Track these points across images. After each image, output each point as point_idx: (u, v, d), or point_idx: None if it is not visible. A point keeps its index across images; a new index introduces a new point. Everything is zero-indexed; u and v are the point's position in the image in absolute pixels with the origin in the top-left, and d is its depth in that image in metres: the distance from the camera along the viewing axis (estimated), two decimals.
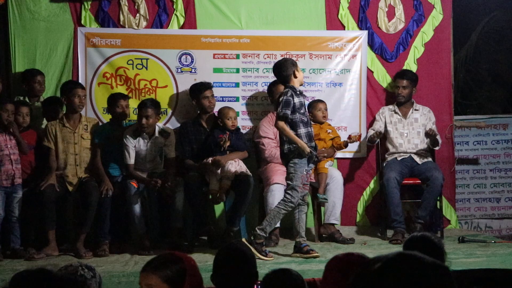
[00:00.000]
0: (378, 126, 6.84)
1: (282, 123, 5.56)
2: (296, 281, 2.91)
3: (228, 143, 6.28)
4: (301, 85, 5.75)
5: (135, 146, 6.27)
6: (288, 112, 5.54)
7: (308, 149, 5.56)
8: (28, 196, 5.99)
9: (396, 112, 6.88)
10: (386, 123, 6.86)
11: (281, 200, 5.67)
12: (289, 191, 5.60)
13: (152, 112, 6.23)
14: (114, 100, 6.43)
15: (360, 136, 6.55)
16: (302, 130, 5.60)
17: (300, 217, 5.76)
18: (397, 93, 6.84)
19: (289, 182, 5.60)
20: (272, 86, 6.65)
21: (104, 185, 6.07)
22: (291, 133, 5.57)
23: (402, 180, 6.59)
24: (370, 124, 7.02)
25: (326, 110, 6.70)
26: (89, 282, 2.65)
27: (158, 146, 6.35)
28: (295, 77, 5.64)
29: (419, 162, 6.69)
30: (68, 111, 6.22)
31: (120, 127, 6.46)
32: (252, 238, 5.62)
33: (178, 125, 6.78)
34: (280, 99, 5.57)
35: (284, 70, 5.64)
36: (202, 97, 6.54)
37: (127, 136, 6.26)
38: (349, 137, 6.45)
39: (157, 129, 6.34)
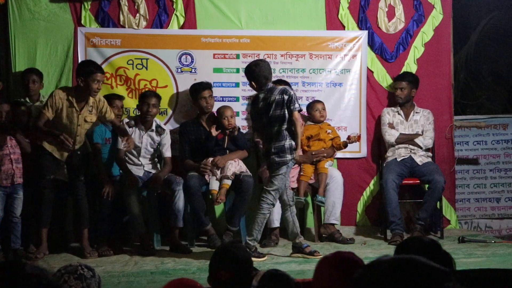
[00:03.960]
0: (389, 122, 6.85)
1: (298, 117, 5.59)
2: (288, 281, 2.90)
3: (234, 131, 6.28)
4: None
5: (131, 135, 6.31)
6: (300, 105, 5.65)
7: (299, 155, 5.68)
8: (28, 195, 6.00)
9: (399, 113, 6.88)
10: (388, 123, 6.88)
11: (263, 203, 5.60)
12: (273, 192, 5.58)
13: (156, 101, 6.33)
14: (109, 100, 6.43)
15: (359, 136, 6.55)
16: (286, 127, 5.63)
17: (294, 218, 5.75)
18: (395, 94, 6.86)
19: (276, 183, 5.57)
20: None
21: (105, 188, 6.07)
22: (300, 131, 5.61)
23: (400, 181, 6.60)
24: (376, 126, 7.01)
25: (324, 109, 6.69)
26: (88, 281, 2.67)
27: (154, 143, 6.37)
28: (271, 77, 5.74)
29: (419, 163, 6.68)
30: (80, 91, 5.90)
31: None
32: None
33: (178, 125, 6.78)
34: (292, 94, 5.54)
35: (265, 69, 5.66)
36: (199, 98, 6.56)
37: (124, 123, 6.30)
38: (348, 138, 6.45)
39: (154, 124, 6.38)
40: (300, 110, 5.66)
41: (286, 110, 5.53)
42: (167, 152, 6.42)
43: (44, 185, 5.90)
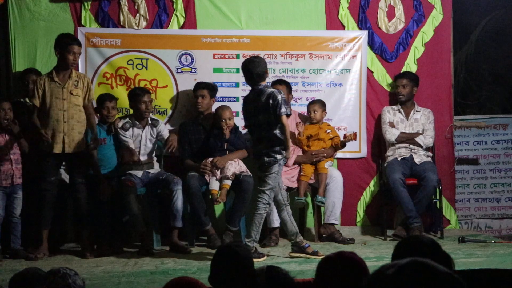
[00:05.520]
0: (390, 121, 6.85)
1: (287, 121, 5.53)
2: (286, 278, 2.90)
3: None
4: None
5: (131, 136, 6.29)
6: (290, 109, 5.57)
7: (290, 155, 5.68)
8: (28, 195, 6.00)
9: (399, 112, 6.89)
10: (389, 122, 6.88)
11: (259, 204, 5.57)
12: (267, 192, 5.55)
13: (149, 97, 6.35)
14: (100, 101, 6.41)
15: (355, 134, 6.52)
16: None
17: (291, 218, 5.73)
18: (397, 92, 6.86)
19: (270, 182, 5.55)
20: (272, 85, 6.65)
21: (101, 189, 6.07)
22: (289, 134, 5.59)
23: (405, 179, 6.60)
24: (376, 126, 7.01)
25: (317, 111, 6.57)
26: (73, 278, 2.77)
27: (152, 137, 6.35)
28: (267, 76, 5.66)
29: (417, 162, 6.69)
30: (59, 65, 5.97)
31: (108, 127, 6.43)
32: None
33: (178, 125, 6.77)
34: (278, 98, 5.46)
35: (260, 66, 5.58)
36: (194, 96, 6.59)
37: (119, 127, 6.26)
38: (345, 137, 6.45)
39: (148, 118, 6.40)
40: (288, 115, 5.57)
41: (273, 115, 5.48)
42: (166, 134, 6.36)
43: (46, 187, 5.90)
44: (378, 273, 1.54)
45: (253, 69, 5.57)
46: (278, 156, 5.52)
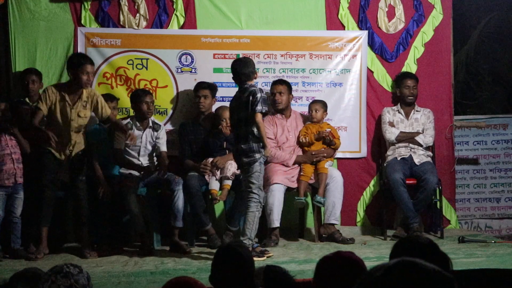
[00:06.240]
0: (389, 121, 6.85)
1: (261, 119, 5.51)
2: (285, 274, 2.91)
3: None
4: None
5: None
6: (267, 108, 5.58)
7: (269, 153, 5.65)
8: (28, 195, 6.00)
9: (399, 112, 6.88)
10: (389, 122, 6.88)
11: (251, 202, 5.53)
12: (255, 191, 5.52)
13: (151, 98, 6.36)
14: None
15: (330, 132, 6.54)
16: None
17: (257, 218, 5.67)
18: (408, 93, 6.83)
19: (255, 181, 5.52)
20: (272, 85, 6.66)
21: (101, 189, 6.07)
22: (265, 132, 5.57)
23: (405, 179, 6.60)
24: (376, 126, 7.01)
25: (318, 110, 6.59)
26: (76, 277, 2.70)
27: (153, 140, 6.36)
28: (255, 77, 5.65)
29: (417, 163, 6.69)
30: (71, 84, 5.93)
31: (108, 127, 6.43)
32: None
33: (178, 125, 6.77)
34: (257, 96, 5.45)
35: (248, 66, 5.59)
36: (195, 96, 6.60)
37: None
38: (324, 137, 6.48)
39: (150, 121, 6.38)
40: (265, 113, 5.57)
41: (250, 112, 5.47)
42: (163, 147, 6.39)
43: (46, 184, 5.91)
44: (367, 276, 1.54)
45: (240, 69, 5.60)
46: (257, 155, 5.52)
